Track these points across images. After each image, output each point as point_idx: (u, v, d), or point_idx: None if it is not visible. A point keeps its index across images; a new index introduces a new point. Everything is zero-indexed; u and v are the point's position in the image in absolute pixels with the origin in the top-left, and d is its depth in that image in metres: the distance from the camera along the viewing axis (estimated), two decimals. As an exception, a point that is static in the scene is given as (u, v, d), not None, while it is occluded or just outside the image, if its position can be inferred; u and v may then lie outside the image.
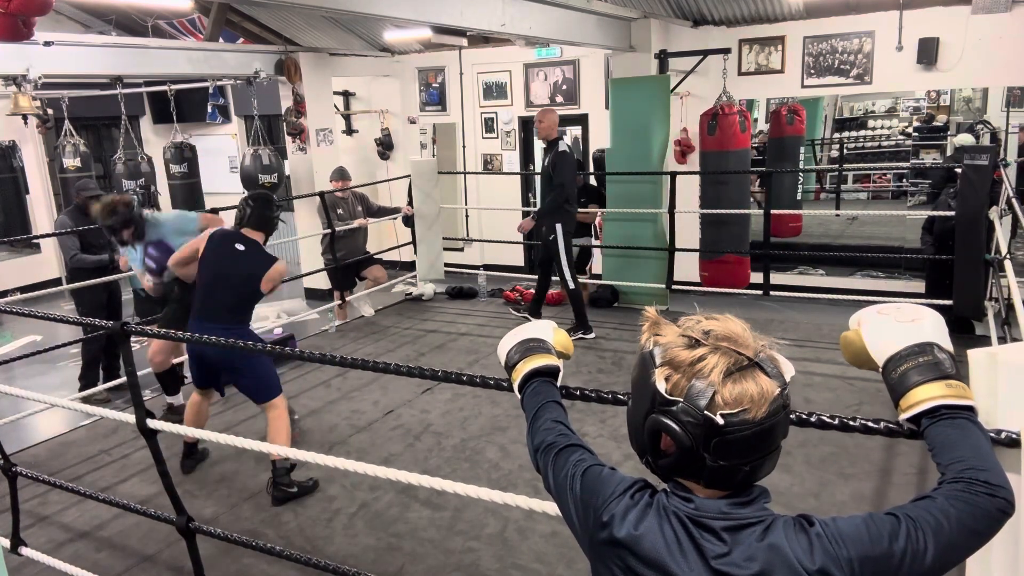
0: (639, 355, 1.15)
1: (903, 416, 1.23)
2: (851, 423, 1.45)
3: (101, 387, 5.44)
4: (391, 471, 2.23)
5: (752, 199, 8.91)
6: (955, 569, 1.15)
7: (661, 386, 1.07)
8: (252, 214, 3.91)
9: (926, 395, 1.19)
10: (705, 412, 1.03)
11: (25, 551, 3.15)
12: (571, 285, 5.87)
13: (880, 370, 1.29)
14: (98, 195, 5.85)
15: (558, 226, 5.73)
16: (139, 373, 2.70)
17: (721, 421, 1.02)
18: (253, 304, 3.93)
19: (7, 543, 3.16)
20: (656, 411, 1.08)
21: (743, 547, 1.04)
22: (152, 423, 2.60)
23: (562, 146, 5.71)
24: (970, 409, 1.19)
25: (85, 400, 5.07)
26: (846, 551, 1.02)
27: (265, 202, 3.96)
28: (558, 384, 1.57)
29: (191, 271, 3.95)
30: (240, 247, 3.84)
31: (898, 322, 1.30)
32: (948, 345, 1.26)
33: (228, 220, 4.37)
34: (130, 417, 2.62)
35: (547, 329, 1.66)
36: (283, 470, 3.70)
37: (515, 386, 1.57)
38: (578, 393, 1.73)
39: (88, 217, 5.65)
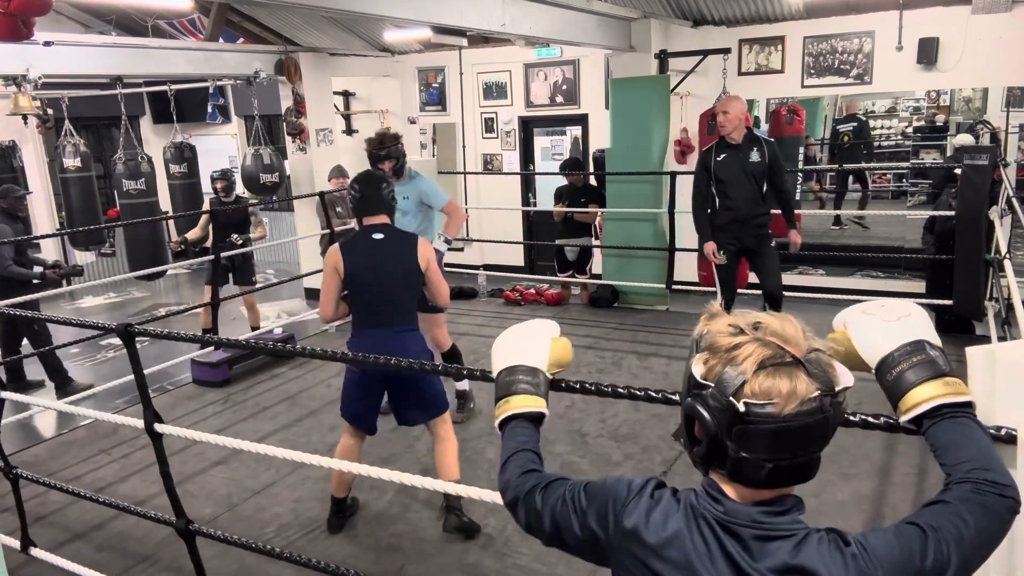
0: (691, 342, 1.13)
1: (904, 418, 1.21)
2: (851, 418, 1.44)
3: (84, 388, 5.44)
4: (394, 473, 2.23)
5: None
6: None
7: (697, 370, 1.06)
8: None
9: (925, 395, 1.18)
10: (730, 398, 1.01)
11: (33, 551, 3.17)
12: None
13: (873, 372, 1.27)
14: (25, 195, 5.93)
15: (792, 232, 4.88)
16: (145, 372, 2.70)
17: (742, 408, 1.00)
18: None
19: (15, 543, 3.17)
20: (690, 395, 1.07)
21: (774, 559, 1.02)
22: (160, 427, 2.60)
23: (768, 137, 4.61)
24: (969, 406, 1.18)
25: (74, 402, 5.07)
26: (880, 573, 1.00)
27: (365, 183, 3.34)
28: (542, 427, 1.45)
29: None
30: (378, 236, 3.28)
31: (885, 321, 1.27)
32: (937, 340, 1.24)
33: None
34: (138, 422, 2.63)
35: (545, 339, 1.53)
36: (458, 496, 3.04)
37: (496, 423, 1.46)
38: (578, 387, 1.71)
39: (17, 223, 5.75)
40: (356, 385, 3.26)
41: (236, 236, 6.42)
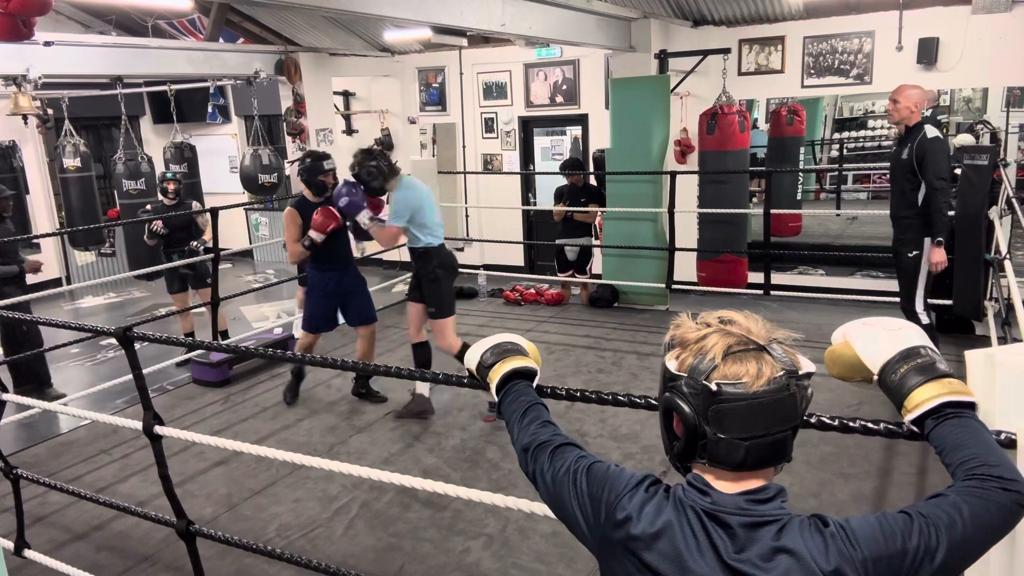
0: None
1: (909, 417, 1.23)
2: (851, 424, 1.45)
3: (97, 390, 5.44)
4: (395, 475, 2.23)
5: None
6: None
7: (671, 365, 1.13)
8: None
9: (930, 393, 1.20)
10: (703, 381, 1.07)
11: (28, 553, 3.16)
12: (924, 319, 4.49)
13: (876, 376, 1.30)
14: (10, 195, 5.84)
15: (927, 241, 4.40)
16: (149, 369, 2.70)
17: (715, 387, 1.06)
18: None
19: (10, 545, 3.17)
20: (667, 390, 1.14)
21: (759, 545, 1.05)
22: (159, 429, 2.60)
23: (930, 131, 4.29)
24: (972, 406, 1.20)
25: (73, 402, 5.06)
26: (860, 552, 1.02)
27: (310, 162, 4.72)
28: (534, 386, 1.56)
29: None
30: None
31: (887, 330, 1.32)
32: (935, 350, 1.28)
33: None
34: (138, 424, 2.63)
35: (520, 338, 1.65)
36: (365, 380, 5.02)
37: (492, 387, 1.55)
38: (578, 394, 1.72)
39: (3, 223, 5.61)
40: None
41: (195, 243, 6.09)
